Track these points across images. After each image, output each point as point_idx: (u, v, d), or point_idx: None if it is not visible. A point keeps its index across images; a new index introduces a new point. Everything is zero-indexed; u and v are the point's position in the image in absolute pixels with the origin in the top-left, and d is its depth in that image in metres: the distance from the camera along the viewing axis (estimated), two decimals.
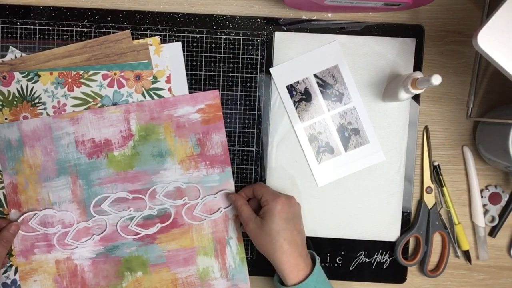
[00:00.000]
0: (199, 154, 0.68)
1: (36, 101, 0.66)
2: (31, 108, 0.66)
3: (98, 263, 0.68)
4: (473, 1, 0.69)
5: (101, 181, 0.67)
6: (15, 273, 0.67)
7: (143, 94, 0.67)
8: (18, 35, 0.67)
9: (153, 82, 0.67)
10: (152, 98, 0.67)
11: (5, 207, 0.67)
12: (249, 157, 0.69)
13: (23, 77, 0.66)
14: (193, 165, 0.68)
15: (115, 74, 0.67)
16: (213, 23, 0.68)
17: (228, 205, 0.68)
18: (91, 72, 0.67)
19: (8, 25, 0.67)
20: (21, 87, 0.66)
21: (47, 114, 0.67)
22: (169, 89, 0.67)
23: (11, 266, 0.67)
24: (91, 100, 0.67)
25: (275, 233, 0.60)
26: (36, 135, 0.66)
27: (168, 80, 0.67)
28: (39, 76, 0.66)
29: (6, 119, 0.66)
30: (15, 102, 0.66)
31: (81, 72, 0.67)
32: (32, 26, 0.68)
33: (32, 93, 0.66)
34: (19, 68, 0.66)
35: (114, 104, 0.67)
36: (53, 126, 0.67)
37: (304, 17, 0.69)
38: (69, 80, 0.67)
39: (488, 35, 0.53)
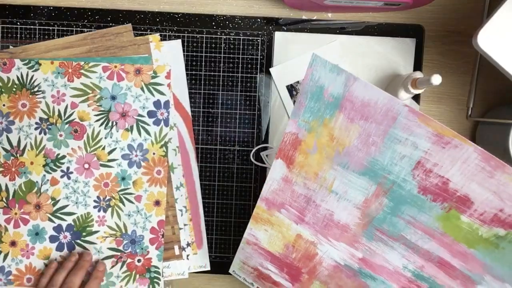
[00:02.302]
0: None
1: (36, 89, 0.66)
2: (30, 96, 0.66)
3: (341, 272, 0.58)
4: (473, 1, 0.69)
5: (410, 221, 0.51)
6: (3, 260, 0.67)
7: (142, 89, 0.67)
8: (18, 35, 0.68)
9: (152, 77, 0.67)
10: (151, 93, 0.67)
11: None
12: (249, 157, 0.69)
13: (24, 64, 0.66)
14: None
15: (115, 67, 0.67)
16: (213, 23, 0.68)
17: None
18: (91, 63, 0.67)
19: (8, 25, 0.68)
20: (21, 75, 0.66)
21: (46, 103, 0.66)
22: (168, 85, 0.67)
23: None
24: (90, 91, 0.67)
25: None
26: (367, 111, 0.48)
27: (168, 76, 0.67)
28: (40, 64, 0.66)
29: (4, 105, 0.66)
30: (14, 89, 0.66)
31: (81, 63, 0.66)
32: (32, 26, 0.68)
33: (32, 81, 0.66)
34: (19, 57, 0.67)
35: (113, 97, 0.67)
36: (400, 120, 0.47)
37: (304, 17, 0.69)
38: (70, 70, 0.66)
39: (488, 35, 0.53)
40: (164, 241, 0.68)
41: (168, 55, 0.68)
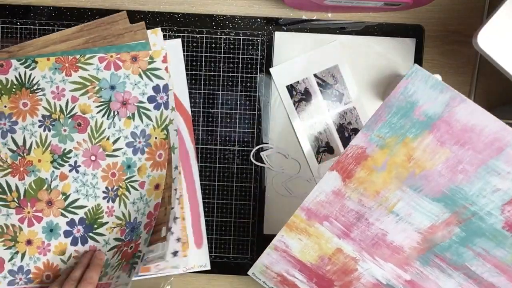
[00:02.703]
0: None
1: (35, 87, 0.66)
2: (30, 94, 0.66)
3: None
4: (473, 1, 0.69)
5: (481, 254, 0.50)
6: (21, 260, 0.67)
7: (140, 75, 0.67)
8: (18, 35, 0.67)
9: (149, 63, 0.67)
10: (150, 79, 0.67)
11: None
12: (249, 157, 0.69)
13: (21, 64, 0.66)
14: None
15: (111, 56, 0.66)
16: (213, 23, 0.68)
17: None
18: (87, 55, 0.66)
19: (8, 25, 0.67)
20: (19, 75, 0.66)
21: (47, 100, 0.66)
22: (166, 69, 0.67)
23: (17, 253, 0.67)
24: (88, 84, 0.67)
25: None
26: (467, 136, 0.46)
27: (164, 60, 0.67)
28: (37, 62, 0.66)
29: (5, 106, 0.66)
30: (13, 90, 0.66)
31: (77, 57, 0.66)
32: (32, 26, 0.68)
33: (31, 79, 0.66)
34: (18, 55, 0.66)
35: (112, 87, 0.67)
36: (508, 152, 0.45)
37: (304, 17, 0.69)
38: (66, 64, 0.66)
39: (488, 35, 0.53)
40: (155, 223, 0.67)
41: (168, 55, 0.68)
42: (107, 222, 0.68)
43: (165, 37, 0.68)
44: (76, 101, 0.67)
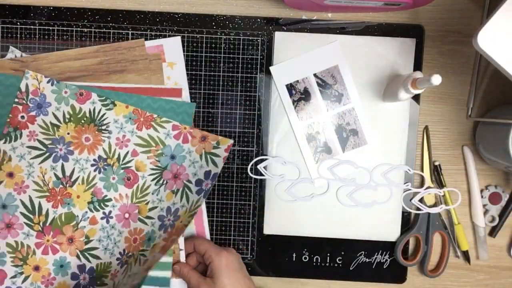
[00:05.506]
0: None
1: (104, 127, 0.66)
2: (96, 132, 0.66)
3: None
4: (473, 1, 0.69)
5: None
6: (22, 282, 0.66)
7: (200, 156, 0.67)
8: (18, 35, 0.67)
9: (214, 147, 0.67)
10: (207, 162, 0.67)
11: None
12: (249, 157, 0.69)
13: (100, 100, 0.66)
14: None
15: (184, 128, 0.67)
16: (213, 23, 0.68)
17: None
18: (164, 118, 0.66)
19: (8, 25, 0.68)
20: (94, 109, 0.66)
21: (109, 144, 0.66)
22: (224, 158, 0.66)
23: (21, 273, 0.66)
24: (154, 144, 0.67)
25: (229, 287, 0.61)
26: None
27: (227, 149, 0.67)
28: (115, 105, 0.66)
29: (68, 133, 0.66)
30: (82, 122, 0.66)
31: (154, 116, 0.66)
32: (32, 26, 0.68)
33: (102, 118, 0.66)
34: (31, 66, 0.66)
35: (172, 156, 0.67)
36: None
37: (304, 17, 0.69)
38: (141, 119, 0.66)
39: (488, 35, 0.53)
40: None
41: (169, 53, 0.68)
42: (106, 284, 0.67)
43: (165, 37, 0.68)
44: (135, 156, 0.67)
